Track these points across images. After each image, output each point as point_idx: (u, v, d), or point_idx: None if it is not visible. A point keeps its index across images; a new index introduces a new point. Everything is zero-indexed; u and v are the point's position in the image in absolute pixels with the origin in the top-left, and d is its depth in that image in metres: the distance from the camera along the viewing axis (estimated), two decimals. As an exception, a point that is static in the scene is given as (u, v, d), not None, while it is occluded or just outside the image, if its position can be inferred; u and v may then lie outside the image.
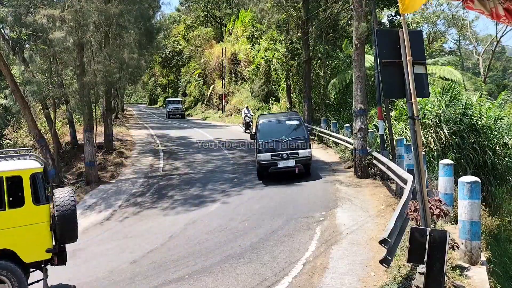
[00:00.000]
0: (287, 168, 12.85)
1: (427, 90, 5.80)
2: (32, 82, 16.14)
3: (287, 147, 12.90)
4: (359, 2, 13.01)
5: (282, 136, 13.11)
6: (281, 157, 12.81)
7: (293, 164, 12.78)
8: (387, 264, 5.34)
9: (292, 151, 12.88)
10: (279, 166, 12.81)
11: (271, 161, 12.89)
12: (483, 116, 15.33)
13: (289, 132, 13.33)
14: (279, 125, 13.74)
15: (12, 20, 15.03)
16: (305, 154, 12.96)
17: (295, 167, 12.78)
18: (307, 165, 13.14)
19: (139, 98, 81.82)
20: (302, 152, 12.93)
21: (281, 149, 12.90)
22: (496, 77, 55.81)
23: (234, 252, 7.79)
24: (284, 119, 14.07)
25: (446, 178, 7.67)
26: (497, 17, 4.86)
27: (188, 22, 50.49)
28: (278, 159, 12.83)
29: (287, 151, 12.85)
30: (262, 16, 25.70)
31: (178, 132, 27.22)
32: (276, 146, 13.01)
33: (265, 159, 12.99)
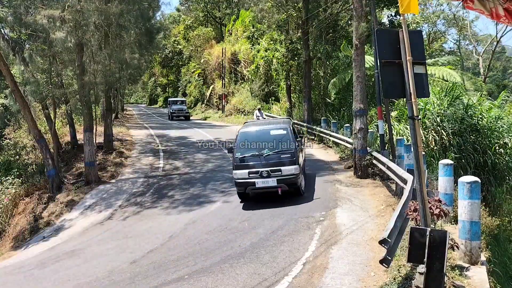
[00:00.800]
0: (267, 189, 10.67)
1: (427, 90, 5.79)
2: (32, 82, 16.14)
3: (268, 162, 10.63)
4: (359, 2, 13.01)
5: (264, 149, 10.82)
6: (261, 175, 10.56)
7: (274, 183, 10.49)
8: (387, 264, 5.34)
9: (274, 168, 10.55)
10: (258, 186, 10.60)
11: (248, 179, 10.65)
12: (484, 116, 15.34)
13: (273, 144, 10.96)
14: (261, 135, 11.30)
15: (12, 20, 15.02)
16: (290, 171, 10.52)
17: (277, 187, 10.54)
18: (292, 185, 10.70)
19: (139, 98, 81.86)
20: (286, 169, 10.52)
21: (261, 165, 10.62)
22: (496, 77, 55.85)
23: (234, 252, 7.79)
24: (268, 128, 11.55)
25: (446, 178, 7.67)
26: (497, 17, 4.86)
27: (188, 22, 50.51)
28: (257, 177, 10.59)
29: (268, 167, 10.55)
30: (262, 16, 25.72)
31: (178, 132, 27.22)
32: (255, 161, 10.71)
33: (242, 177, 10.75)
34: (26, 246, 12.23)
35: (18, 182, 16.24)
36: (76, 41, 14.84)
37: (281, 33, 25.16)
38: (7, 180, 16.30)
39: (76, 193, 14.84)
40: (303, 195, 11.08)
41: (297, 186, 10.79)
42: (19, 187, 15.82)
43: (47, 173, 15.49)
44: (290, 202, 10.81)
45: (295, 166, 10.63)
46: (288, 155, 10.73)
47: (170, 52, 51.78)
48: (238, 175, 10.83)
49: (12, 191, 15.56)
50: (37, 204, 14.40)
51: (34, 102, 18.68)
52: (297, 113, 25.67)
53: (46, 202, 14.40)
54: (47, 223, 13.21)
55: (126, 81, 22.11)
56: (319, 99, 25.00)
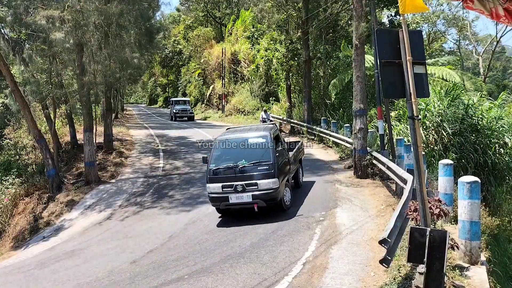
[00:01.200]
0: (242, 205, 9.63)
1: (427, 90, 5.80)
2: (32, 82, 16.15)
3: (243, 175, 9.56)
4: (359, 2, 13.02)
5: (241, 160, 9.72)
6: (235, 189, 9.48)
7: (249, 199, 9.43)
8: (387, 264, 5.34)
9: (249, 181, 9.47)
10: (231, 202, 9.57)
11: (221, 194, 9.61)
12: (484, 116, 15.35)
13: (251, 154, 9.86)
14: (239, 144, 10.24)
15: (12, 20, 15.03)
16: (267, 185, 9.40)
17: (252, 203, 9.46)
18: (270, 200, 9.53)
19: (139, 98, 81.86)
20: (263, 183, 9.39)
21: (236, 178, 9.54)
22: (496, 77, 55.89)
23: (234, 252, 7.79)
24: (246, 136, 10.40)
25: (446, 178, 7.67)
26: (497, 17, 4.85)
27: (188, 22, 50.50)
28: (231, 192, 9.53)
29: (243, 180, 9.47)
30: (262, 16, 25.73)
31: (178, 132, 27.22)
32: (229, 173, 9.66)
33: (215, 191, 9.70)
34: (26, 246, 12.23)
35: (18, 182, 16.25)
36: (75, 41, 14.85)
37: (281, 33, 25.17)
38: (7, 180, 16.30)
39: (76, 193, 14.85)
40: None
41: (277, 201, 9.66)
42: (19, 187, 15.83)
43: (47, 173, 15.49)
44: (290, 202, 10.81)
45: (273, 179, 9.46)
46: (265, 166, 9.55)
47: (170, 52, 51.78)
48: (211, 189, 9.78)
49: (12, 191, 15.57)
50: (37, 204, 14.41)
51: (34, 102, 18.69)
52: (297, 113, 25.67)
53: (46, 202, 14.40)
54: (47, 223, 13.21)
55: (126, 81, 22.08)
56: (319, 99, 25.00)
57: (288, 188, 10.35)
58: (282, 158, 10.24)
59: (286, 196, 10.14)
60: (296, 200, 10.99)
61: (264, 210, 9.69)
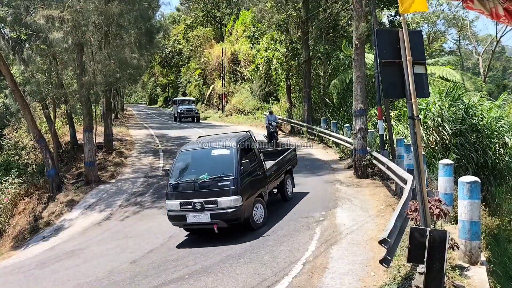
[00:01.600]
0: (200, 225, 8.75)
1: (427, 90, 5.80)
2: (32, 82, 16.15)
3: (203, 191, 8.61)
4: (359, 2, 13.02)
5: (204, 174, 8.75)
6: (193, 207, 8.56)
7: (207, 219, 8.47)
8: (387, 264, 5.34)
9: (208, 199, 8.51)
10: (189, 222, 8.65)
11: (179, 212, 8.75)
12: (485, 117, 15.36)
13: (214, 168, 8.91)
14: (202, 156, 9.37)
15: (12, 20, 15.02)
16: (228, 203, 8.42)
17: (211, 223, 8.53)
18: (232, 220, 8.56)
19: (139, 98, 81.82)
20: (223, 201, 8.43)
21: (195, 195, 8.61)
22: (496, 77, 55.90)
23: (234, 252, 7.79)
24: (211, 147, 9.35)
25: (446, 178, 7.67)
26: (497, 17, 4.86)
27: (188, 22, 50.51)
28: (189, 210, 8.61)
29: (202, 198, 8.53)
30: (262, 16, 25.73)
31: (178, 132, 27.21)
32: (189, 189, 8.75)
33: (173, 209, 8.86)
34: (26, 246, 12.24)
35: (18, 182, 16.24)
36: (75, 41, 14.85)
37: (281, 33, 25.17)
38: (7, 180, 16.30)
39: (76, 193, 14.85)
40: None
41: (241, 221, 8.65)
42: (19, 187, 15.82)
43: (47, 173, 15.49)
44: (290, 202, 10.81)
45: (235, 197, 8.44)
46: (227, 182, 8.54)
47: (170, 52, 51.78)
48: (169, 206, 8.94)
49: (12, 191, 15.57)
50: (37, 204, 14.40)
51: (34, 102, 18.69)
52: (297, 113, 25.67)
53: (46, 202, 14.41)
54: (47, 223, 13.22)
55: (126, 81, 22.09)
56: (319, 99, 25.00)
57: (261, 204, 9.23)
58: (252, 171, 9.09)
59: (257, 214, 9.05)
60: (296, 200, 11.00)
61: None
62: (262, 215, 9.27)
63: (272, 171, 10.16)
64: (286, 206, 10.55)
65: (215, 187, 8.62)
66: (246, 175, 8.88)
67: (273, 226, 9.07)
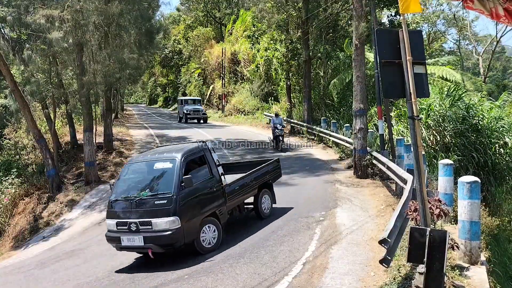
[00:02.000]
0: (135, 249, 7.95)
1: (427, 90, 5.80)
2: (32, 82, 16.15)
3: (139, 210, 7.70)
4: (359, 2, 13.02)
5: (145, 190, 7.91)
6: (129, 228, 7.64)
7: (141, 243, 7.52)
8: (387, 264, 5.34)
9: (144, 220, 7.57)
10: (123, 245, 7.76)
11: (115, 233, 7.88)
12: (485, 117, 15.38)
13: (155, 183, 8.08)
14: (147, 169, 8.44)
15: (12, 20, 15.03)
16: (163, 226, 7.44)
17: (145, 248, 7.61)
18: (167, 246, 7.64)
19: (139, 98, 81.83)
20: (158, 223, 7.46)
21: (132, 214, 7.72)
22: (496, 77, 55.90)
23: (234, 252, 7.79)
24: (154, 159, 8.40)
25: (446, 178, 7.67)
26: (497, 17, 4.85)
27: (188, 22, 50.53)
28: (124, 231, 7.70)
29: (138, 218, 7.62)
30: (262, 16, 25.75)
31: (178, 132, 27.20)
32: (126, 208, 7.86)
33: (110, 229, 8.05)
34: (26, 246, 12.24)
35: (18, 182, 16.24)
36: (75, 41, 14.86)
37: (281, 33, 25.18)
38: (7, 180, 16.30)
39: (76, 193, 14.85)
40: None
41: (180, 246, 7.66)
42: (19, 187, 15.82)
43: (47, 173, 15.49)
44: (290, 202, 10.81)
45: (171, 218, 7.41)
46: (164, 201, 7.54)
47: (170, 52, 51.79)
48: (107, 226, 8.15)
49: (12, 191, 15.57)
50: (37, 204, 14.41)
51: (34, 102, 18.69)
52: (297, 113, 25.68)
53: (46, 202, 14.41)
54: (47, 223, 13.22)
55: (126, 81, 22.08)
56: (319, 99, 25.01)
57: (213, 225, 8.12)
58: (201, 187, 8.05)
59: (207, 237, 7.97)
60: (295, 200, 10.98)
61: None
62: (215, 238, 8.09)
63: (237, 186, 8.92)
64: (286, 205, 10.54)
65: (151, 206, 7.61)
66: (190, 193, 7.75)
67: (273, 226, 9.07)
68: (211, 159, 8.64)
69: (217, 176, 8.53)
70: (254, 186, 9.51)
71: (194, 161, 8.47)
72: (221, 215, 8.42)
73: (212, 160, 8.64)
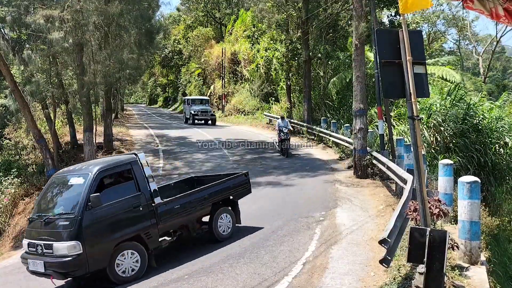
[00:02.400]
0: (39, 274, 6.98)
1: (427, 90, 5.80)
2: (31, 82, 16.16)
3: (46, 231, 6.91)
4: (359, 2, 13.03)
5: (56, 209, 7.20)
6: (36, 251, 6.92)
7: (42, 268, 6.71)
8: (387, 264, 5.34)
9: (47, 243, 6.77)
10: (30, 269, 6.97)
11: (27, 254, 7.17)
12: (485, 117, 15.38)
13: (64, 201, 7.33)
14: (63, 184, 7.60)
15: (12, 20, 15.04)
16: (63, 251, 6.60)
17: (47, 274, 6.78)
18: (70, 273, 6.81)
19: (139, 98, 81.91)
20: (59, 247, 6.63)
21: (40, 235, 6.97)
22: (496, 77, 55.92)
23: (234, 252, 7.79)
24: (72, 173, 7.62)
25: (446, 178, 7.67)
26: (497, 17, 4.85)
27: (188, 22, 50.55)
28: (32, 253, 7.00)
29: (44, 240, 6.84)
30: (263, 16, 25.76)
31: (178, 132, 27.20)
32: (36, 227, 7.14)
33: (23, 249, 7.46)
34: (26, 246, 12.20)
35: (18, 182, 16.25)
36: (75, 41, 14.87)
37: (281, 33, 25.18)
38: (7, 180, 16.30)
39: (76, 193, 14.84)
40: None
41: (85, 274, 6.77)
42: (19, 187, 15.83)
43: (47, 173, 15.49)
44: (290, 202, 10.80)
45: (71, 242, 6.56)
46: (66, 222, 6.72)
47: (170, 52, 51.82)
48: (23, 245, 7.48)
49: (12, 191, 15.57)
50: (37, 204, 14.39)
51: (34, 102, 18.70)
52: (297, 113, 25.68)
53: (46, 202, 14.39)
54: (47, 223, 13.19)
55: (126, 81, 22.11)
56: (319, 99, 25.01)
57: (134, 251, 7.14)
58: (117, 207, 7.09)
59: (124, 265, 7.00)
60: (295, 200, 10.97)
61: (264, 210, 9.59)
62: (137, 266, 7.11)
63: (177, 205, 7.88)
64: (286, 205, 10.54)
65: (56, 227, 6.82)
66: (100, 213, 6.86)
67: (272, 226, 9.07)
68: (141, 173, 7.55)
69: (147, 194, 7.48)
70: (205, 204, 8.41)
71: (115, 176, 7.62)
72: (150, 239, 7.37)
73: (141, 175, 7.54)
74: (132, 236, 7.19)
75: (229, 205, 8.95)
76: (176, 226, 8.03)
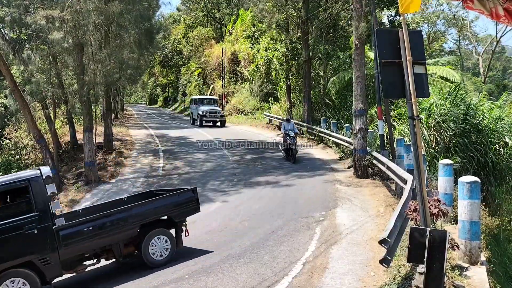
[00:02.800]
0: None
1: (427, 90, 5.80)
2: (31, 82, 16.16)
3: None
4: (359, 2, 13.03)
5: None
6: None
7: None
8: (387, 264, 5.34)
9: None
10: None
11: None
12: (486, 117, 15.38)
13: None
14: None
15: (11, 20, 15.03)
16: None
17: None
18: None
19: (139, 98, 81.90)
20: None
21: None
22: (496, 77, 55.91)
23: (234, 252, 7.79)
24: None
25: (445, 178, 7.67)
26: (497, 17, 4.85)
27: (188, 22, 50.55)
28: None
29: None
30: (263, 16, 25.77)
31: (178, 132, 27.21)
32: None
33: None
34: (26, 246, 12.20)
35: (18, 182, 16.21)
36: (75, 41, 14.86)
37: (281, 33, 25.18)
38: (7, 180, 16.27)
39: (76, 193, 14.85)
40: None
41: None
42: (19, 187, 15.79)
43: (47, 173, 15.47)
44: (290, 202, 10.81)
45: None
46: None
47: (170, 52, 51.81)
48: None
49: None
50: (37, 204, 14.39)
51: (34, 102, 18.70)
52: (297, 113, 25.67)
53: (46, 202, 14.39)
54: (47, 223, 13.19)
55: (126, 81, 22.10)
56: (319, 99, 25.01)
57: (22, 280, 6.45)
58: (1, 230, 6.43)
59: None
60: (296, 200, 10.97)
61: (264, 210, 9.61)
62: None
63: (88, 227, 7.06)
64: (286, 205, 10.54)
65: None
66: None
67: (273, 226, 9.07)
68: (41, 192, 6.77)
69: (46, 215, 6.72)
70: (129, 226, 7.49)
71: (7, 195, 6.95)
72: (46, 265, 6.59)
73: (41, 193, 6.77)
74: (21, 263, 6.43)
75: (167, 226, 7.99)
76: (90, 250, 7.23)
